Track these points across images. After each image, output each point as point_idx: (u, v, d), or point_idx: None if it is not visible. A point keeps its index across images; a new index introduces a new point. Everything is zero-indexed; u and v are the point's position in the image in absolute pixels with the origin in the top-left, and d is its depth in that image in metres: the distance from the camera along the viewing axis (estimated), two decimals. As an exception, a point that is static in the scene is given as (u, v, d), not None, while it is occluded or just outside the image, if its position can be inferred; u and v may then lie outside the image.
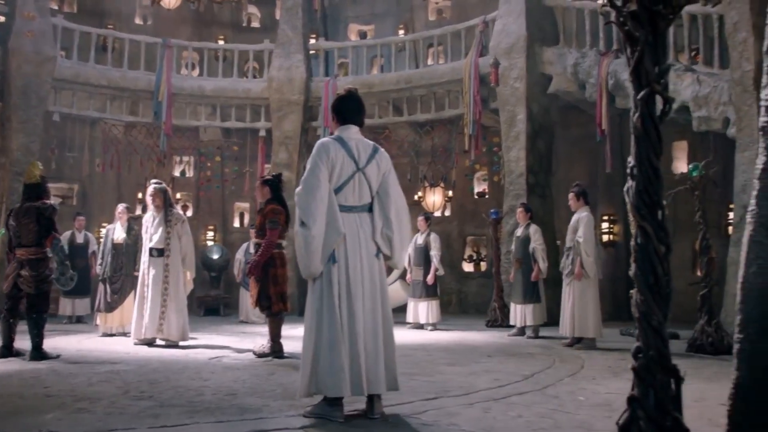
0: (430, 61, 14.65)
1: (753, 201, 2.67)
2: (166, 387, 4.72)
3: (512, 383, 5.05)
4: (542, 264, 8.88)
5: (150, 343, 7.50)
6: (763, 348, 2.51)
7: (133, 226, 9.02)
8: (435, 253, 10.14)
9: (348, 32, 16.78)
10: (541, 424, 3.70)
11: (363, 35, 16.69)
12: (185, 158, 15.97)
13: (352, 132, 4.02)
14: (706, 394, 4.60)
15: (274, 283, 6.73)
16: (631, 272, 2.63)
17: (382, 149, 4.11)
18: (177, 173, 16.02)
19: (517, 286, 9.13)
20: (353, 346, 3.73)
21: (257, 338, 8.04)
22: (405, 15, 16.35)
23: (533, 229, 9.04)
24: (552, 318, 8.96)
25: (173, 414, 3.81)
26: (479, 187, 14.85)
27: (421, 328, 10.14)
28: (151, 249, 7.66)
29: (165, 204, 7.77)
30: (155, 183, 8.00)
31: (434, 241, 10.24)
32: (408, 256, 10.60)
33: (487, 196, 14.63)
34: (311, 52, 14.68)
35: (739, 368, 2.57)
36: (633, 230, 8.75)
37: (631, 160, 2.72)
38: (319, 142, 3.97)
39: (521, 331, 9.03)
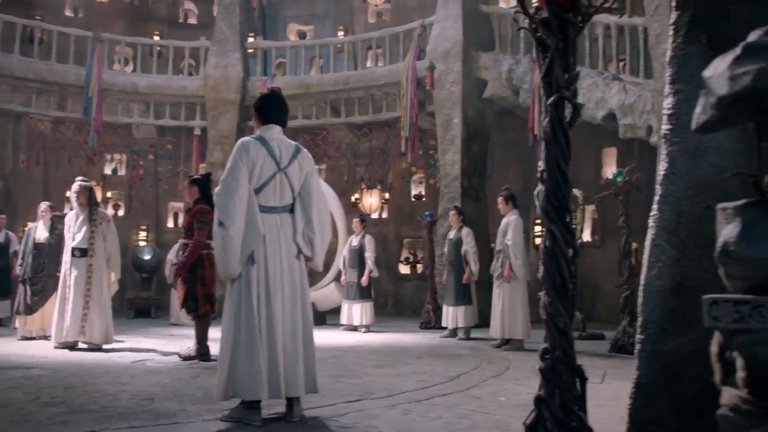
0: (369, 64, 14.69)
1: (655, 206, 2.75)
2: (81, 392, 4.56)
3: (437, 384, 5.08)
4: (474, 266, 8.99)
5: (71, 346, 7.24)
6: (662, 348, 2.60)
7: (57, 225, 8.69)
8: (369, 255, 10.14)
9: (287, 32, 16.65)
10: (459, 424, 3.73)
11: (302, 35, 16.60)
12: (117, 156, 15.52)
13: (275, 132, 3.97)
14: (622, 393, 4.68)
15: (202, 285, 6.61)
16: (539, 274, 2.68)
17: (305, 150, 4.07)
18: (108, 171, 15.56)
19: (449, 289, 9.22)
20: (271, 349, 3.69)
21: (186, 341, 7.84)
22: (345, 17, 16.33)
23: (465, 231, 9.15)
24: (484, 320, 9.08)
25: (83, 420, 3.68)
26: (416, 189, 14.95)
27: (354, 329, 10.13)
28: (73, 249, 7.40)
29: (90, 202, 7.53)
30: (80, 180, 7.75)
31: (369, 242, 10.24)
32: (343, 257, 10.59)
33: (424, 199, 14.73)
34: (249, 50, 14.51)
35: (640, 368, 2.65)
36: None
37: (541, 165, 2.78)
38: (239, 141, 3.92)
39: (453, 333, 9.12)
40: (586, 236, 12.23)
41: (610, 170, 12.46)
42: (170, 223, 15.98)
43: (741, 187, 2.49)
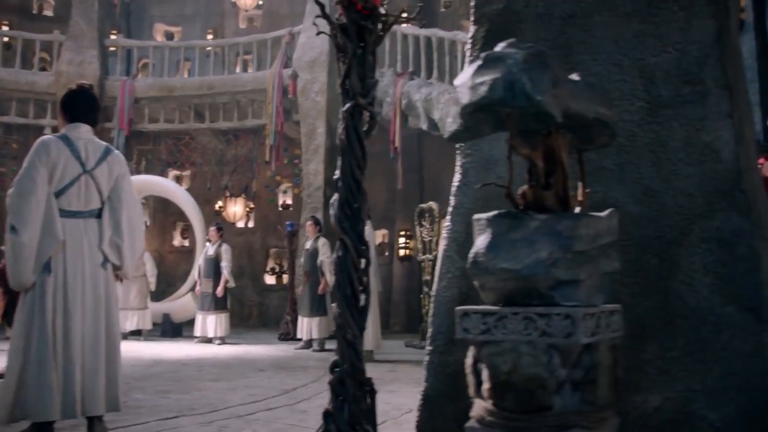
0: (238, 69, 14.34)
1: (448, 217, 2.77)
2: None
3: (268, 398, 4.93)
4: (329, 277, 8.86)
5: None
6: (448, 359, 2.60)
7: None
8: (226, 265, 9.83)
9: (154, 32, 15.98)
10: (271, 440, 3.61)
11: (170, 36, 16.00)
12: (-46, 154, 14.20)
13: (82, 131, 3.69)
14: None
15: (26, 295, 6.08)
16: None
17: (117, 151, 3.82)
18: (-56, 170, 14.21)
19: (304, 299, 9.08)
20: (68, 365, 3.40)
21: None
22: (215, 20, 15.91)
23: (321, 242, 9.05)
24: (339, 331, 9.02)
25: None
26: (283, 198, 14.74)
27: (209, 341, 9.77)
28: None
29: None
30: None
31: (225, 252, 9.93)
32: (198, 267, 10.22)
33: (291, 209, 14.54)
34: (111, 48, 13.76)
35: (428, 380, 2.64)
36: (419, 245, 8.96)
37: (336, 173, 2.72)
38: (39, 140, 3.61)
39: (308, 344, 8.99)
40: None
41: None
42: (16, 229, 14.80)
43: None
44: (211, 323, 9.85)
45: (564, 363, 1.74)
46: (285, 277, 14.46)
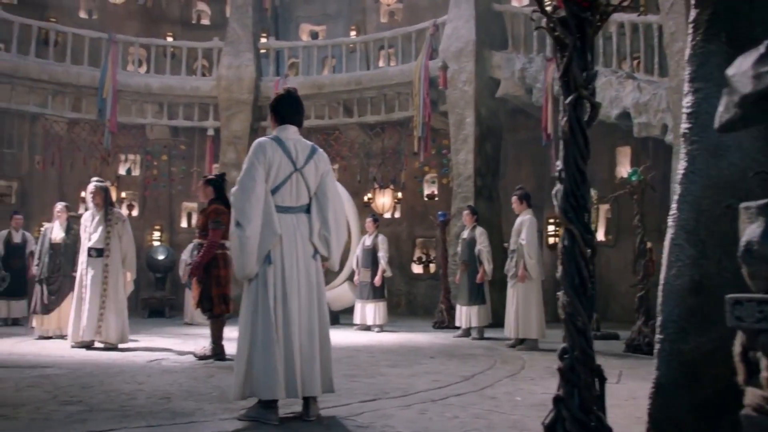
0: (381, 63, 14.69)
1: (674, 205, 2.73)
2: (98, 391, 4.59)
3: (451, 384, 5.08)
4: (487, 266, 8.97)
5: (88, 346, 7.30)
6: (681, 348, 2.58)
7: (72, 225, 8.77)
8: (383, 255, 10.14)
9: (299, 32, 16.70)
10: (476, 424, 3.73)
11: (314, 35, 16.64)
12: (131, 156, 15.63)
13: (290, 132, 3.98)
14: (638, 393, 4.70)
15: (217, 285, 6.63)
16: (558, 274, 2.67)
17: (321, 150, 4.08)
18: (122, 172, 15.68)
19: (462, 288, 9.21)
20: (288, 348, 3.70)
21: (200, 340, 7.89)
22: (357, 16, 16.35)
23: (479, 231, 9.13)
24: (497, 319, 9.06)
25: (102, 419, 3.71)
26: (429, 189, 14.94)
27: (368, 329, 10.14)
28: (89, 249, 7.45)
29: (105, 202, 7.59)
30: (96, 181, 7.82)
31: (382, 242, 10.25)
32: (356, 257, 10.61)
33: (437, 198, 14.73)
34: (262, 51, 14.56)
35: (659, 368, 2.63)
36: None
37: (559, 164, 2.77)
38: (256, 141, 3.93)
39: (467, 333, 9.11)
40: (600, 236, 12.18)
41: (624, 169, 12.40)
42: (184, 223, 16.08)
43: (762, 186, 2.47)
44: (369, 311, 10.22)
45: None
46: (432, 266, 14.71)
